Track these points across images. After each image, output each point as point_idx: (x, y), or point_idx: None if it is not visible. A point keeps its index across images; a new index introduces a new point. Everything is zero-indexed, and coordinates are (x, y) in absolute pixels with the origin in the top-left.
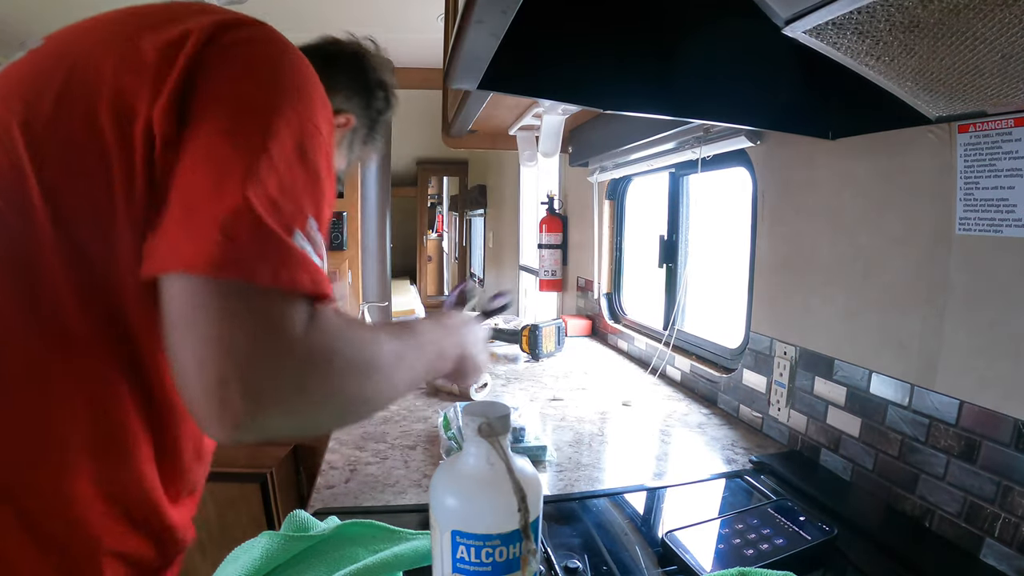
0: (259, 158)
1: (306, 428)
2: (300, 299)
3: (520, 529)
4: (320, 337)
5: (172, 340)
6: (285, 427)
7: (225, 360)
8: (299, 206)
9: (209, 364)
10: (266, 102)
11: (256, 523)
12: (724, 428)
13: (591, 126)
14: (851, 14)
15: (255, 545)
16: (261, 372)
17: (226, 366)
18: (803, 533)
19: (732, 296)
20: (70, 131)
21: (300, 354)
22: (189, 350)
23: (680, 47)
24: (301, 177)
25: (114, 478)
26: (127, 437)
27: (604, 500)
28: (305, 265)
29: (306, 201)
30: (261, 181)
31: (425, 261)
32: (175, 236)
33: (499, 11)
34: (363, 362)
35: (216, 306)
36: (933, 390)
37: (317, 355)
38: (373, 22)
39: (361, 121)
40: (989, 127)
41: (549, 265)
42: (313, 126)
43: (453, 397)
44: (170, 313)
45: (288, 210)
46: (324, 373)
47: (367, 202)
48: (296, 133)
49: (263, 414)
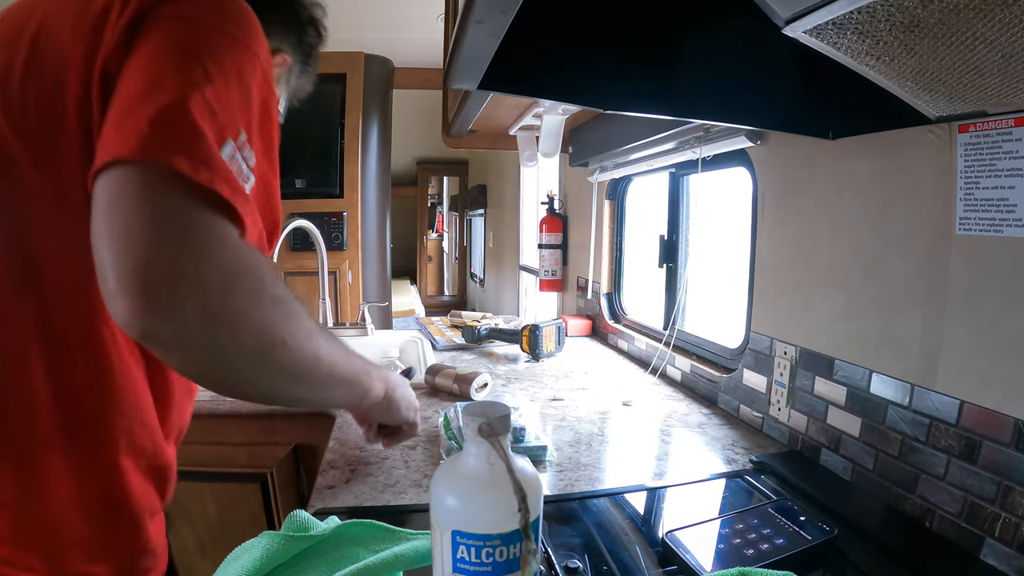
0: (194, 69)
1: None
2: (219, 206)
3: (520, 529)
4: (238, 253)
5: (95, 229)
6: (193, 332)
7: (140, 247)
8: (231, 118)
9: (124, 250)
10: (206, 23)
11: (256, 523)
12: (724, 428)
13: (591, 126)
14: (851, 14)
15: (255, 545)
16: (171, 263)
17: (141, 253)
18: (803, 533)
19: (732, 296)
20: (41, 89)
21: (216, 257)
22: (107, 235)
23: (680, 47)
24: (236, 94)
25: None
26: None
27: (604, 500)
28: (227, 177)
29: (238, 116)
30: (196, 86)
31: (425, 261)
32: (107, 137)
33: (499, 11)
34: (280, 300)
35: (136, 192)
36: (933, 390)
37: (232, 265)
38: (373, 22)
39: (296, 57)
40: (989, 127)
41: (549, 265)
42: (252, 52)
43: (453, 397)
44: (98, 203)
45: (221, 118)
46: (234, 285)
47: (367, 202)
48: (235, 56)
49: (168, 306)
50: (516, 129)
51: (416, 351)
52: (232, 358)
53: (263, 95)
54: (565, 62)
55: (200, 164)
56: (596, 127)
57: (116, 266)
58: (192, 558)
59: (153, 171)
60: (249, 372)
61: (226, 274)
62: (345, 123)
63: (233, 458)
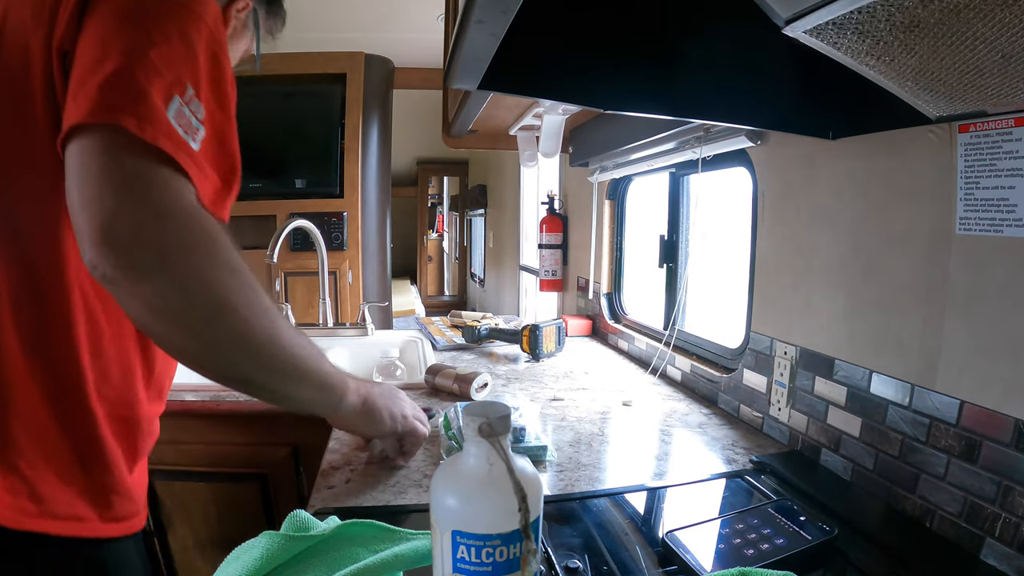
0: (137, 35)
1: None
2: (168, 161)
3: (520, 529)
4: (196, 214)
5: (68, 193)
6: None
7: (104, 204)
8: (177, 76)
9: (92, 208)
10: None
11: (256, 523)
12: (724, 428)
13: (591, 126)
14: (851, 14)
15: (255, 545)
16: (132, 217)
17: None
18: (803, 533)
19: (732, 296)
20: (9, 72)
21: (173, 214)
22: (76, 196)
23: (680, 47)
24: (180, 53)
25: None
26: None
27: (604, 500)
28: (170, 133)
29: (184, 73)
30: (139, 50)
31: (425, 261)
32: (68, 107)
33: (499, 11)
34: (236, 270)
35: (94, 155)
36: (933, 390)
37: (189, 224)
38: (373, 22)
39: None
40: (989, 127)
41: (549, 265)
42: (194, 13)
43: (453, 397)
44: (68, 169)
45: (167, 77)
46: (191, 243)
47: (367, 202)
48: (176, 18)
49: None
50: (516, 129)
51: (416, 351)
52: (184, 314)
53: (212, 51)
54: (565, 62)
55: (145, 122)
56: (596, 127)
57: (86, 222)
58: (192, 558)
59: (105, 132)
60: (199, 329)
61: (183, 231)
62: (345, 123)
63: (233, 458)
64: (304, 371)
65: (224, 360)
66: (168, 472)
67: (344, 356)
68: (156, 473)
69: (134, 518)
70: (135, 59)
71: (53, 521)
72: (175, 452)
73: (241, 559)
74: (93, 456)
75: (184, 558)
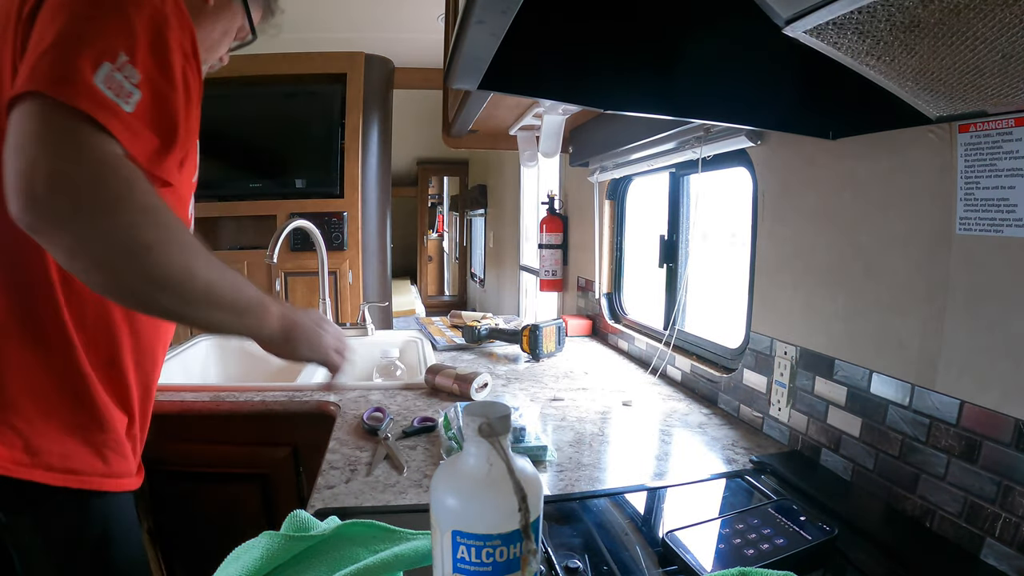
0: (70, 17)
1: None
2: (91, 121)
3: (520, 529)
4: (109, 161)
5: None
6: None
7: (25, 158)
8: (109, 45)
9: (14, 163)
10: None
11: (256, 523)
12: (724, 428)
13: (591, 126)
14: (851, 14)
15: (255, 545)
16: (49, 167)
17: (25, 162)
18: (803, 533)
19: (732, 296)
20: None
21: (86, 162)
22: (6, 155)
23: (681, 47)
24: (114, 25)
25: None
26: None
27: (604, 500)
28: (91, 94)
29: (117, 42)
30: (70, 27)
31: (425, 261)
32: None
33: (499, 11)
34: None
35: (20, 117)
36: (933, 390)
37: (101, 170)
38: (373, 22)
39: None
40: (989, 127)
41: (549, 265)
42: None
43: (453, 397)
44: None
45: (97, 46)
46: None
47: (367, 202)
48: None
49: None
50: (516, 129)
51: (416, 351)
52: (99, 253)
53: (155, 24)
54: (565, 62)
55: (67, 86)
56: (596, 127)
57: (9, 176)
58: (192, 558)
59: (33, 99)
60: (117, 269)
61: (96, 177)
62: (345, 123)
63: (233, 458)
64: (221, 299)
65: (143, 296)
66: (168, 472)
67: None
68: (156, 473)
69: (129, 477)
70: (67, 34)
71: (47, 472)
72: (175, 452)
73: (241, 559)
74: (88, 415)
75: (184, 558)
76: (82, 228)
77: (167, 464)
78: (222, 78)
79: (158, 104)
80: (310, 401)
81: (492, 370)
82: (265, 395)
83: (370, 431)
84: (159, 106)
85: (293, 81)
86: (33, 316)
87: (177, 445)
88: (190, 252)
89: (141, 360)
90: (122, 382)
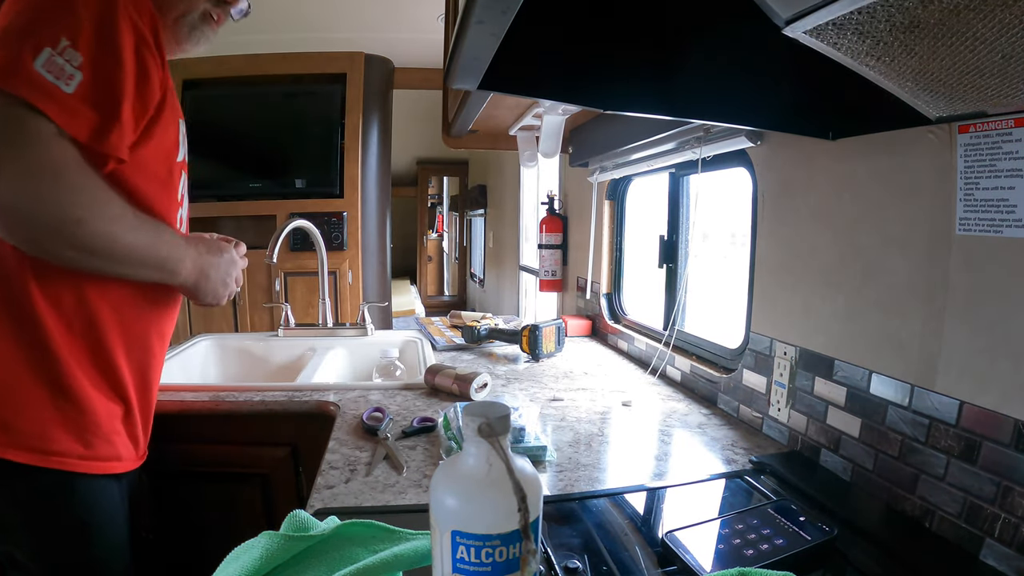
0: (13, 12)
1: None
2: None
3: (520, 529)
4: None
5: None
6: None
7: None
8: (51, 31)
9: None
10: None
11: (255, 523)
12: (724, 428)
13: (591, 126)
14: (851, 14)
15: (255, 545)
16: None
17: None
18: (803, 533)
19: (732, 296)
20: None
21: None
22: None
23: (680, 47)
24: (56, 13)
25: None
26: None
27: (604, 500)
28: (28, 78)
29: (59, 28)
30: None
31: (425, 261)
32: None
33: (499, 11)
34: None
35: None
36: (933, 390)
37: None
38: (373, 22)
39: None
40: (989, 127)
41: (549, 265)
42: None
43: (453, 397)
44: None
45: (39, 33)
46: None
47: (367, 202)
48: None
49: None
50: (516, 129)
51: (416, 351)
52: (33, 229)
53: (98, 10)
54: (565, 62)
55: (7, 75)
56: (596, 127)
57: None
58: (192, 558)
59: None
60: (49, 243)
61: (31, 160)
62: (345, 123)
63: (233, 458)
64: (141, 258)
65: (72, 263)
66: (168, 472)
67: (344, 356)
68: (156, 473)
69: (115, 461)
70: (11, 28)
71: (20, 451)
72: (175, 452)
73: (241, 559)
74: (65, 399)
75: (184, 558)
76: (14, 204)
77: (167, 464)
78: (222, 78)
79: (101, 83)
80: (310, 401)
81: (492, 370)
82: (265, 395)
83: (370, 431)
84: (102, 85)
85: (293, 81)
86: (5, 301)
87: (177, 445)
88: (114, 219)
89: (131, 347)
90: (111, 368)
